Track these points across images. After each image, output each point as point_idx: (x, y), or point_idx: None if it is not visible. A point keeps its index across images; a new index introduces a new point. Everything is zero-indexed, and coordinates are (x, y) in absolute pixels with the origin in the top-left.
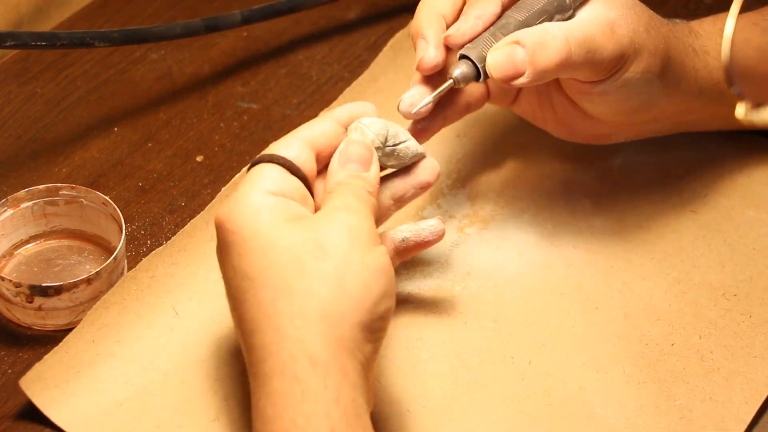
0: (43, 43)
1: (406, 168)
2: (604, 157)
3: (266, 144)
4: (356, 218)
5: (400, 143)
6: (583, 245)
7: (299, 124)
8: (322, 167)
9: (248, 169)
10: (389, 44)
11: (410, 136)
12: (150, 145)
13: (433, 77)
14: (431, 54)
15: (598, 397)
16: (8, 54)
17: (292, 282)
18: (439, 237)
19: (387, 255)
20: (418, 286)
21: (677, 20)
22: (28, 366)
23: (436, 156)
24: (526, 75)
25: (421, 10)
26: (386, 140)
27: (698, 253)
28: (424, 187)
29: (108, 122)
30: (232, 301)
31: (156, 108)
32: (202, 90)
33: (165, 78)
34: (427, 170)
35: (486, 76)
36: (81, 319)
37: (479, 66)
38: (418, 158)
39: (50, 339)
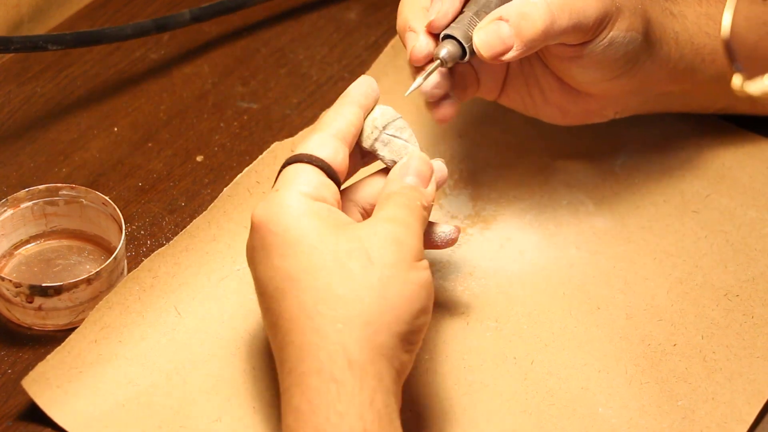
0: None
1: None
2: (606, 157)
3: (266, 144)
4: (404, 232)
5: (399, 138)
6: (585, 245)
7: (299, 124)
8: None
9: (282, 167)
10: (390, 44)
11: (415, 144)
12: (150, 145)
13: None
14: (422, 42)
15: (600, 397)
16: (8, 54)
17: (337, 287)
18: (447, 244)
19: (429, 270)
20: None
21: None
22: (29, 366)
23: (438, 156)
24: (514, 48)
25: (404, 5)
26: (387, 126)
27: (700, 253)
28: None
29: (108, 122)
30: (268, 300)
31: (156, 108)
32: (202, 90)
33: (165, 78)
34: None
35: (472, 54)
36: (81, 320)
37: (465, 45)
38: None
39: (50, 339)
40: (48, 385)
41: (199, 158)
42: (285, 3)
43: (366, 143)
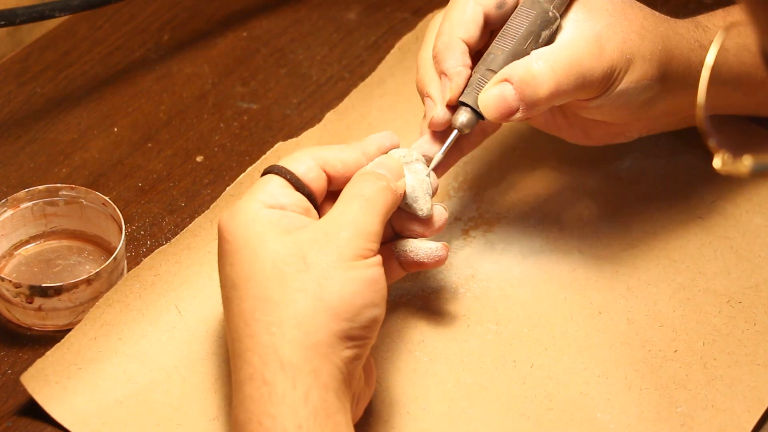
0: (2, 22)
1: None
2: (611, 162)
3: (266, 144)
4: (346, 233)
5: (411, 203)
6: (588, 250)
7: (299, 124)
8: (336, 191)
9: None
10: (397, 46)
11: (427, 197)
12: (150, 145)
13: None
14: (440, 113)
15: (599, 402)
16: (8, 54)
17: (272, 293)
18: (436, 262)
19: (378, 266)
20: (421, 287)
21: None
22: (28, 367)
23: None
24: (520, 111)
25: (420, 68)
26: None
27: (704, 259)
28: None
29: (108, 122)
30: (223, 308)
31: (156, 108)
32: (202, 90)
33: (165, 78)
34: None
35: None
36: (81, 320)
37: (479, 110)
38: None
39: (50, 339)
40: (47, 382)
41: (199, 158)
42: (285, 3)
43: None
